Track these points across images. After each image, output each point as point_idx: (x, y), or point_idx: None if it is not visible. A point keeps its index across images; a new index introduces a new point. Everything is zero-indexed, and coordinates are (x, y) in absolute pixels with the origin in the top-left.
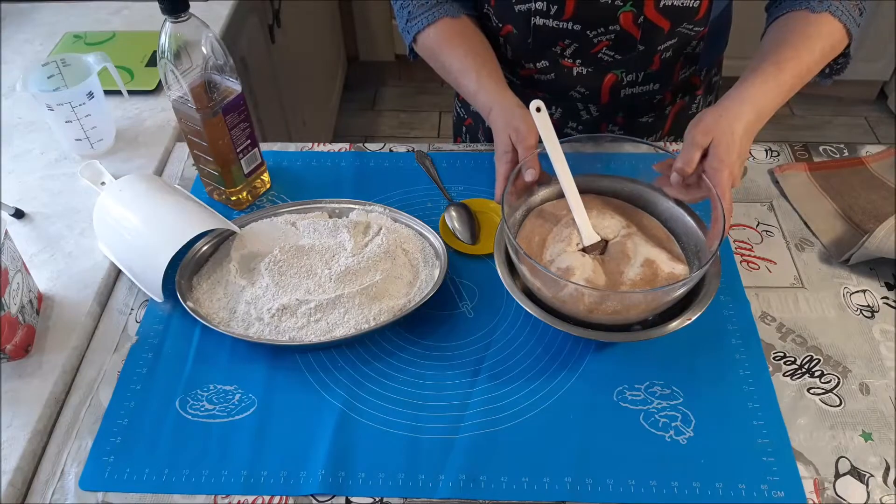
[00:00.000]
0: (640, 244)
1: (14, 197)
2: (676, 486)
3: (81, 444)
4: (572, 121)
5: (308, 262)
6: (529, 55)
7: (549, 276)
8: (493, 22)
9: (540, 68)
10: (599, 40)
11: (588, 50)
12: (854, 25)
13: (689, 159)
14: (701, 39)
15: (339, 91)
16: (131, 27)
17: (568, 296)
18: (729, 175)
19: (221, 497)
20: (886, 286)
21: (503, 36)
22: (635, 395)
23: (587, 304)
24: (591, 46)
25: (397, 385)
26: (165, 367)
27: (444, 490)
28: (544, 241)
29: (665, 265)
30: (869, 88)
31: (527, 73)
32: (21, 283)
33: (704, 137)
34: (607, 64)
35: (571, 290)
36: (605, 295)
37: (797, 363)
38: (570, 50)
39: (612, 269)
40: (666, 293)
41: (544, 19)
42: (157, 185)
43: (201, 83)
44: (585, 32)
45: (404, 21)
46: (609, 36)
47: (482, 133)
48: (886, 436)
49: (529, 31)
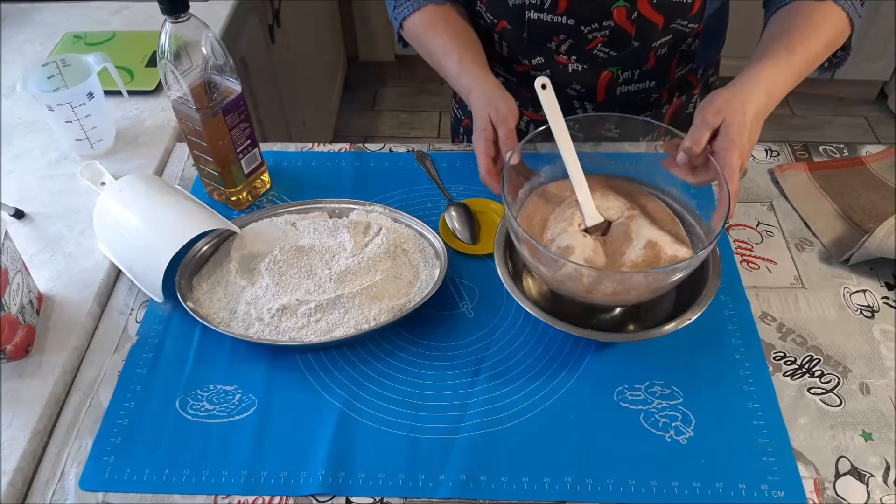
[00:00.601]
0: (644, 226)
1: (14, 197)
2: (677, 486)
3: (81, 445)
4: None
5: (308, 262)
6: (525, 51)
7: (547, 255)
8: (487, 19)
9: (535, 65)
10: (594, 36)
11: (583, 46)
12: (856, 16)
13: (699, 139)
14: (696, 37)
15: (339, 91)
16: (131, 27)
17: (566, 276)
18: (738, 157)
19: (222, 497)
20: (886, 286)
21: (498, 32)
22: (635, 395)
23: (586, 284)
24: (586, 42)
25: (397, 385)
26: (165, 368)
27: (444, 490)
28: (546, 222)
29: (668, 248)
30: (869, 88)
31: (523, 69)
32: (21, 284)
33: (716, 117)
34: (603, 61)
35: (570, 270)
36: (604, 275)
37: (797, 363)
38: (565, 46)
39: (614, 250)
40: (667, 275)
41: (538, 13)
42: (157, 186)
43: (201, 83)
44: (580, 28)
45: (392, 8)
46: (603, 32)
47: None
48: (886, 436)
49: (524, 26)
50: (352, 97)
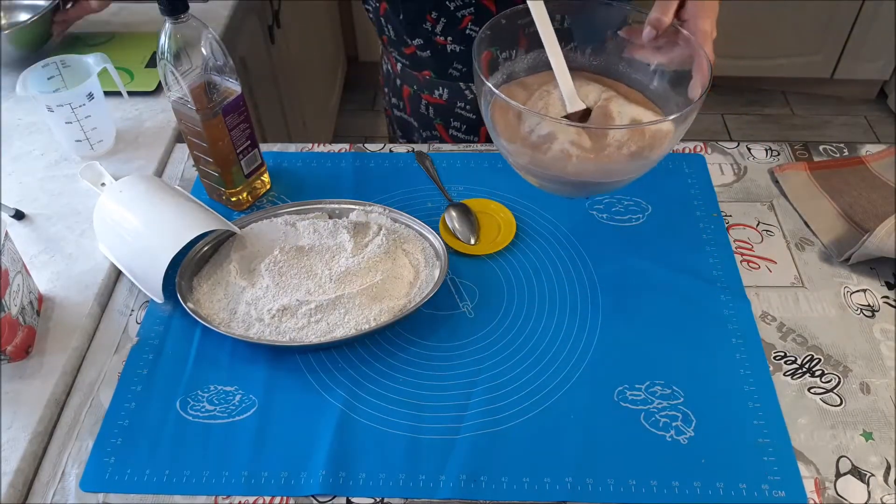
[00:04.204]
0: (624, 105)
1: (14, 198)
2: (677, 485)
3: (82, 446)
4: (460, 101)
5: (308, 262)
6: (405, 31)
7: (543, 125)
8: (372, 3)
9: (417, 45)
10: (463, 14)
11: (456, 26)
12: None
13: (667, 7)
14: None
15: (338, 91)
16: (131, 28)
17: (552, 159)
18: (710, 23)
19: (222, 498)
20: (887, 285)
21: (383, 16)
22: (636, 395)
23: (575, 163)
24: (458, 22)
25: (398, 385)
26: (166, 368)
27: (444, 490)
28: (519, 115)
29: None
30: (869, 88)
31: (410, 51)
32: (21, 285)
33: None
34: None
35: (556, 152)
36: (593, 146)
37: (798, 363)
38: (440, 26)
39: (597, 133)
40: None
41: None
42: (158, 186)
43: (201, 84)
44: (446, 3)
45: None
46: (469, 10)
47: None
48: (887, 435)
49: (399, 5)
50: (352, 97)
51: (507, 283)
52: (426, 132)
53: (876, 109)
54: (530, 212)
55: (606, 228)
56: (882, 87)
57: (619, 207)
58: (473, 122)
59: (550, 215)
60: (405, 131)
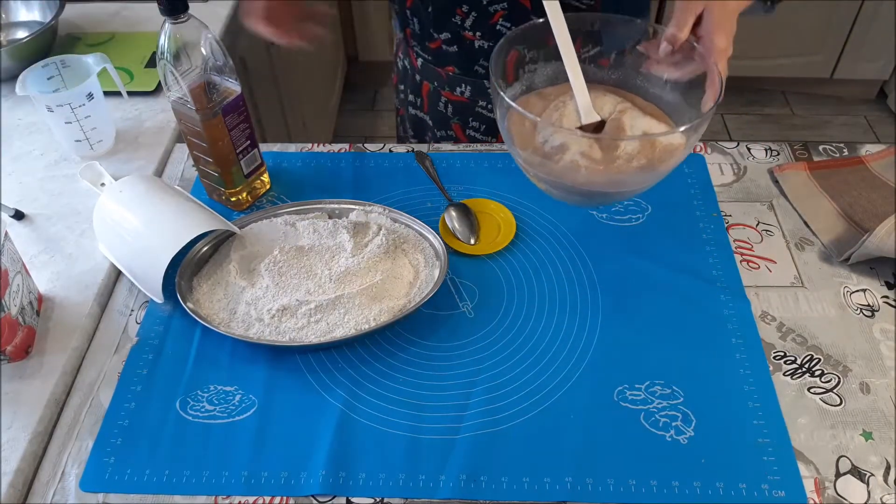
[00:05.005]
0: (637, 118)
1: (14, 198)
2: (677, 485)
3: (82, 446)
4: (482, 99)
5: (308, 262)
6: (432, 25)
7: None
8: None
9: (444, 40)
10: (495, 9)
11: (486, 20)
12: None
13: (683, 23)
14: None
15: (338, 91)
16: (130, 28)
17: (563, 168)
18: (725, 39)
19: (222, 498)
20: (887, 285)
21: (409, 8)
22: (635, 395)
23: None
24: (489, 16)
25: (397, 385)
26: (166, 368)
27: (444, 490)
28: (534, 125)
29: (663, 137)
30: (869, 88)
31: (435, 45)
32: (21, 285)
33: (697, 4)
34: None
35: (567, 162)
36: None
37: (797, 362)
38: (469, 21)
39: (609, 144)
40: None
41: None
42: (157, 186)
43: (201, 84)
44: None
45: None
46: (502, 5)
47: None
48: (887, 435)
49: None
50: (351, 97)
51: (506, 283)
52: (441, 131)
53: (876, 109)
54: (530, 212)
55: (606, 228)
56: (882, 86)
57: (618, 207)
58: (494, 122)
59: (550, 215)
60: (417, 130)
